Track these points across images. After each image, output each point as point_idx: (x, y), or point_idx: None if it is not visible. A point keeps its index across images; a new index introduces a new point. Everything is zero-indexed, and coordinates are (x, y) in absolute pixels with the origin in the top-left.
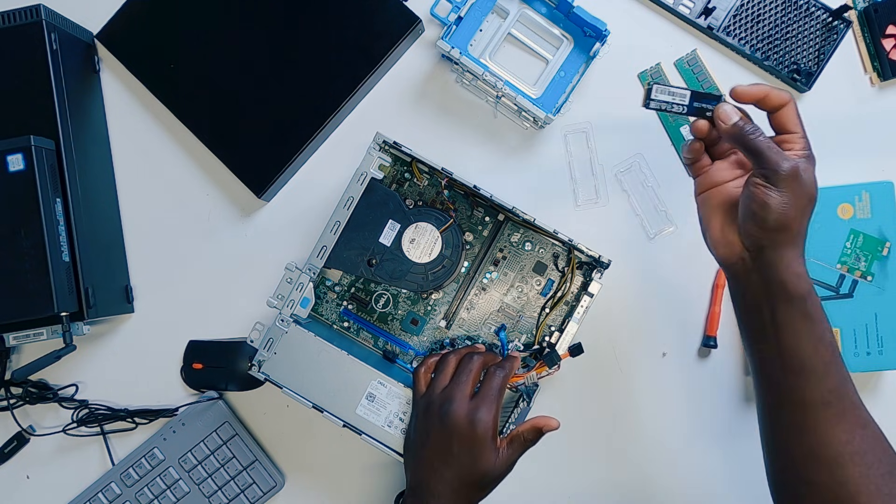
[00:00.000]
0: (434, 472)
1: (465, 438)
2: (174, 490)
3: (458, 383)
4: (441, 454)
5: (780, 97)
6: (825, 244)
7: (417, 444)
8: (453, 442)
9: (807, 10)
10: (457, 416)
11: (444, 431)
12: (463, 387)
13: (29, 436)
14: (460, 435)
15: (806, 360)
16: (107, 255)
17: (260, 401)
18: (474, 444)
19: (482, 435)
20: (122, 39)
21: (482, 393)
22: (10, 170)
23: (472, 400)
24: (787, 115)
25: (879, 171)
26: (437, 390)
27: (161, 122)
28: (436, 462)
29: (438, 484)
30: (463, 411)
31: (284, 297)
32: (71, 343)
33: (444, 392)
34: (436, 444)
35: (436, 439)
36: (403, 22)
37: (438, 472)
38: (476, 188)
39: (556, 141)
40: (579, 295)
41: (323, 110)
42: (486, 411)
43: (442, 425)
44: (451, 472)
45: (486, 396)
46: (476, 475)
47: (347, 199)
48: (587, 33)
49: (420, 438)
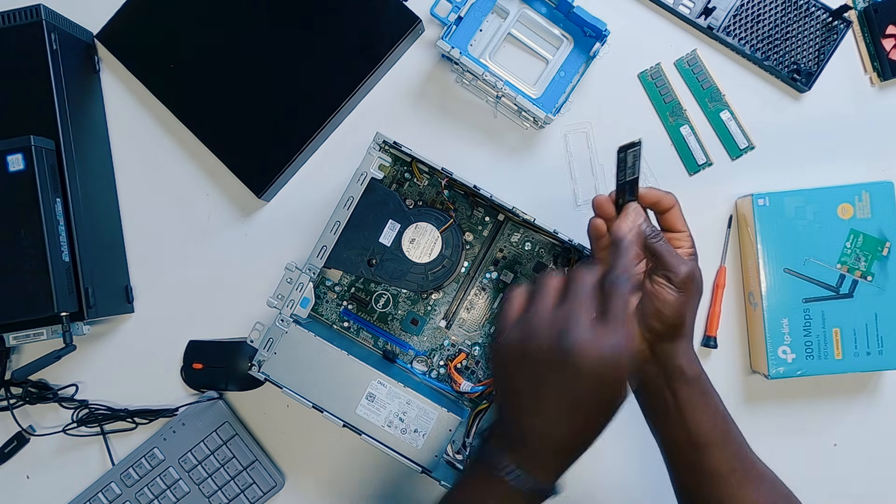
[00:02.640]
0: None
1: (597, 375)
2: (174, 490)
3: (576, 302)
4: (561, 396)
5: (669, 200)
6: (825, 244)
7: (520, 388)
8: (580, 380)
9: (807, 10)
10: (583, 346)
11: (562, 371)
12: (583, 307)
13: (29, 436)
14: (590, 371)
15: (709, 432)
16: (107, 255)
17: (260, 401)
18: (608, 380)
19: (618, 373)
20: (122, 39)
21: (610, 312)
22: (10, 170)
23: (601, 323)
24: (675, 216)
25: (879, 171)
26: (542, 315)
27: (161, 122)
28: (552, 405)
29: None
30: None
31: (284, 297)
32: (71, 343)
33: (555, 315)
34: (548, 388)
35: (554, 382)
36: (403, 22)
37: (556, 418)
38: (476, 188)
39: (556, 141)
40: None
41: (323, 110)
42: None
43: (558, 364)
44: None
45: (616, 316)
46: (604, 416)
47: (347, 199)
48: (587, 33)
49: (517, 378)
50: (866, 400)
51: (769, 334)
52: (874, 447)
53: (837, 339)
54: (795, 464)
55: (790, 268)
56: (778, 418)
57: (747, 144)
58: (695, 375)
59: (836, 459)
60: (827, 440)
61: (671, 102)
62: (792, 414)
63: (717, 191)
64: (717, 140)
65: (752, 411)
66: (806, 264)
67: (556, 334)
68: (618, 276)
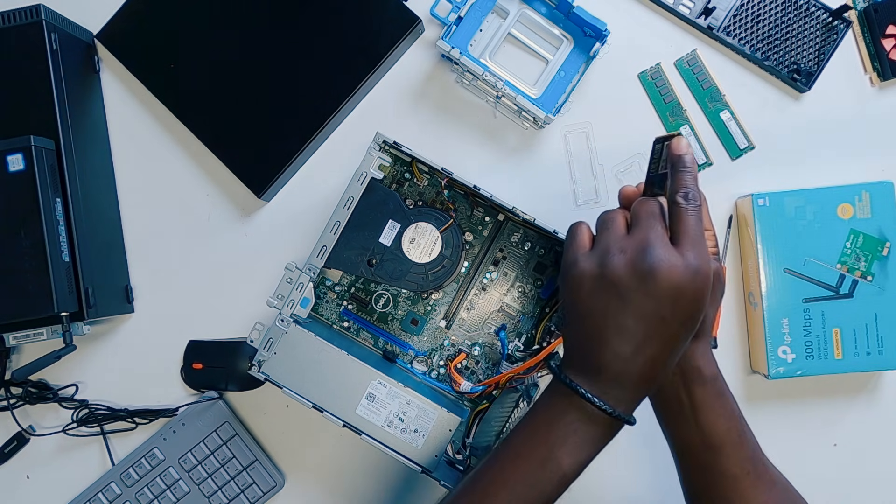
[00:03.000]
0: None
1: (680, 297)
2: (174, 490)
3: (649, 227)
4: (639, 323)
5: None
6: (825, 244)
7: (600, 310)
8: (664, 303)
9: (807, 10)
10: (664, 268)
11: (646, 292)
12: (657, 229)
13: (29, 436)
14: (672, 294)
15: (724, 434)
16: (107, 255)
17: (260, 401)
18: (691, 302)
19: (702, 291)
20: (122, 39)
21: (683, 230)
22: (10, 170)
23: (679, 242)
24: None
25: (879, 171)
26: (617, 240)
27: (161, 122)
28: (631, 328)
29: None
30: (673, 258)
31: (284, 297)
32: (71, 343)
33: (630, 240)
34: (631, 312)
35: (636, 305)
36: (403, 22)
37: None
38: (476, 188)
39: (556, 141)
40: None
41: (323, 110)
42: (703, 251)
43: (640, 285)
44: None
45: (692, 235)
46: (682, 344)
47: (347, 199)
48: (587, 33)
49: (596, 305)
50: (866, 400)
51: (769, 334)
52: (874, 447)
53: (837, 339)
54: (795, 464)
55: (790, 268)
56: (778, 418)
57: (747, 144)
58: (712, 376)
59: (836, 459)
60: (827, 440)
61: (671, 102)
62: (792, 414)
63: (717, 191)
64: (717, 140)
65: (752, 411)
66: (806, 264)
67: (635, 256)
68: (687, 192)
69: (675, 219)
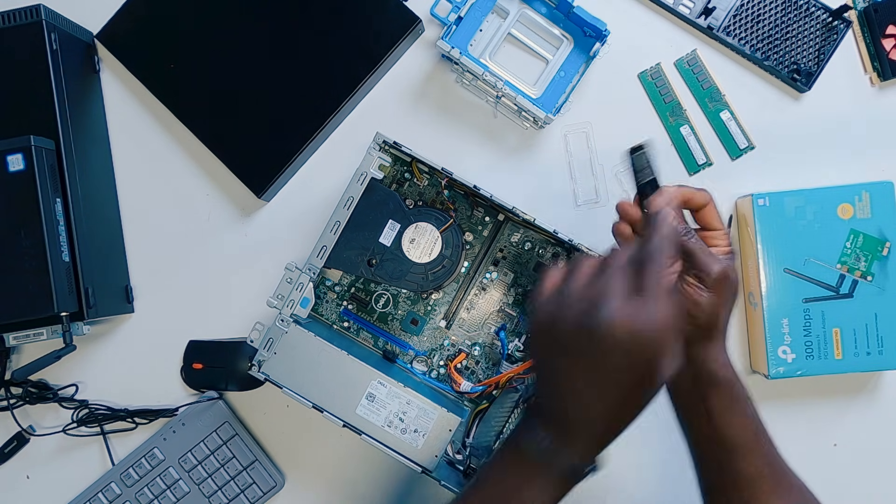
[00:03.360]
0: (580, 398)
1: (629, 353)
2: (174, 490)
3: (608, 279)
4: (588, 375)
5: (703, 197)
6: (825, 244)
7: (551, 362)
8: (610, 359)
9: (807, 10)
10: (613, 322)
11: (594, 345)
12: (617, 282)
13: (29, 436)
14: (621, 349)
15: (739, 437)
16: (107, 255)
17: (260, 401)
18: (641, 359)
19: (653, 348)
20: (122, 39)
21: (644, 285)
22: (10, 170)
23: (632, 298)
24: (710, 213)
25: (879, 171)
26: (575, 289)
27: (161, 122)
28: (580, 384)
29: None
30: (626, 313)
31: (284, 297)
32: (71, 343)
33: (587, 290)
34: (580, 363)
35: (580, 356)
36: (403, 22)
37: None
38: (476, 188)
39: (556, 141)
40: None
41: (323, 110)
42: (661, 305)
43: (589, 338)
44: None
45: (651, 288)
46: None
47: (347, 199)
48: (587, 33)
49: (550, 353)
50: (866, 400)
51: (769, 334)
52: (874, 447)
53: (837, 339)
54: (796, 464)
55: (790, 268)
56: (778, 418)
57: (747, 144)
58: (727, 379)
59: (836, 459)
60: (827, 440)
61: (671, 102)
62: (792, 414)
63: (717, 191)
64: (717, 140)
65: None
66: (806, 264)
67: (587, 307)
68: (654, 246)
69: (640, 269)
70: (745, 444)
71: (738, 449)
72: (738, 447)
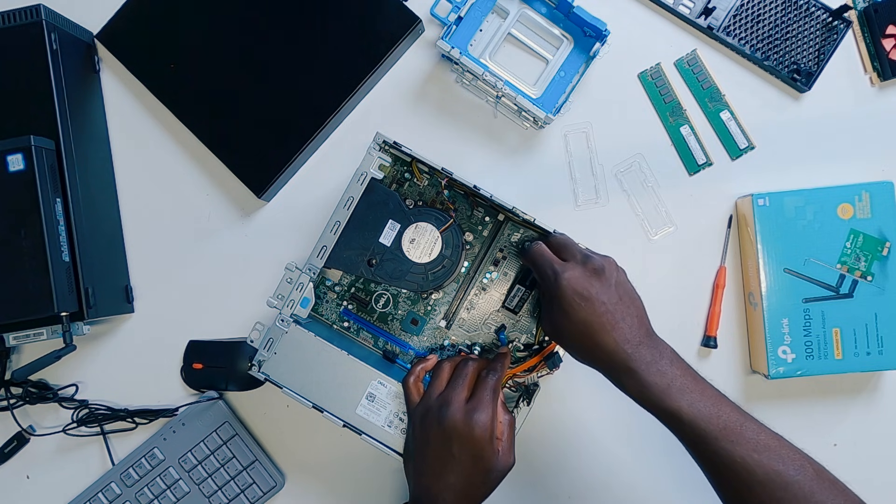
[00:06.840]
0: (437, 477)
1: (465, 440)
2: (174, 490)
3: (453, 388)
4: (442, 459)
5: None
6: (825, 244)
7: (417, 452)
8: (453, 445)
9: (807, 10)
10: (454, 419)
11: (444, 436)
12: (459, 391)
13: (29, 436)
14: (459, 437)
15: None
16: (107, 255)
17: (260, 401)
18: (473, 444)
19: (480, 435)
20: (122, 39)
21: (477, 395)
22: (10, 170)
23: (469, 402)
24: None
25: (879, 171)
26: (434, 396)
27: (161, 122)
28: (437, 467)
29: (442, 489)
30: (460, 414)
31: (284, 297)
32: (71, 343)
33: (440, 397)
34: (436, 450)
35: (436, 444)
36: (403, 22)
37: (441, 477)
38: (476, 188)
39: (556, 141)
40: None
41: (323, 110)
42: (483, 412)
43: (441, 430)
44: (454, 476)
45: (482, 398)
46: (479, 475)
47: (347, 199)
48: (587, 33)
49: (419, 445)
50: (866, 400)
51: (769, 334)
52: (874, 447)
53: (837, 339)
54: None
55: (790, 268)
56: (778, 418)
57: (747, 144)
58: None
59: (836, 459)
60: (827, 440)
61: (671, 102)
62: (792, 414)
63: (717, 191)
64: (717, 140)
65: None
66: (806, 264)
67: (438, 410)
68: (487, 372)
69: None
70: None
71: (719, 441)
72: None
